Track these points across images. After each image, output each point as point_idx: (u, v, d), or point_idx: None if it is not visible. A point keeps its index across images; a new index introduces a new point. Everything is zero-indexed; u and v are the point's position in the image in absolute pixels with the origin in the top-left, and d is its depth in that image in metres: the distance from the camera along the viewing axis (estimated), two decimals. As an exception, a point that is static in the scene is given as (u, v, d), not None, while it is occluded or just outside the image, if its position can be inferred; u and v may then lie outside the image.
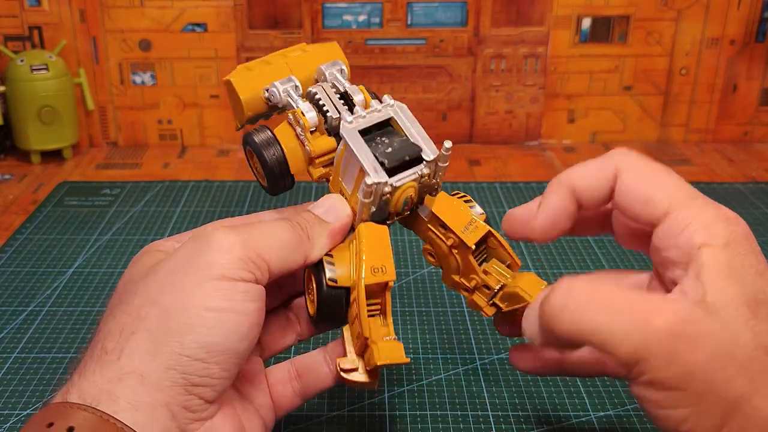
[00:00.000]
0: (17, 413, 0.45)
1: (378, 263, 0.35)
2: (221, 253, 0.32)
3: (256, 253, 0.33)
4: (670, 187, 0.32)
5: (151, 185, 0.78)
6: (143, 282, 0.33)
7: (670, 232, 0.31)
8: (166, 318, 0.31)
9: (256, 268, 0.33)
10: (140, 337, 0.31)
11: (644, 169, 0.33)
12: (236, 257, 0.32)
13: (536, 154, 0.89)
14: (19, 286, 0.59)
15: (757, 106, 0.91)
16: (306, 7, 0.85)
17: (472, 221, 0.37)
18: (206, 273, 0.32)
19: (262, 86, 0.39)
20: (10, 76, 0.81)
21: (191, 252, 0.33)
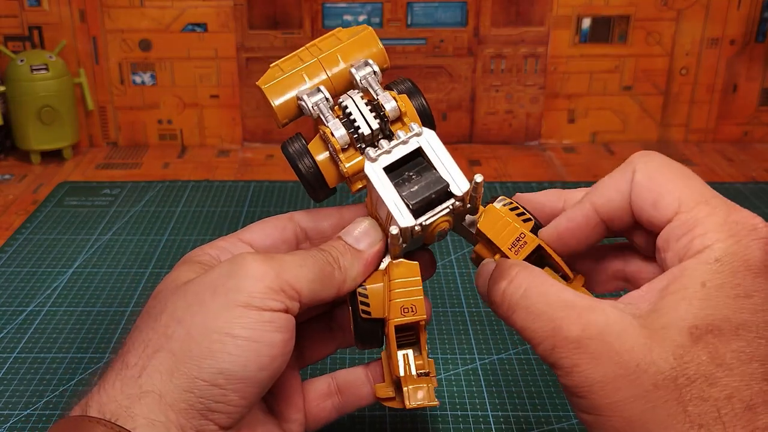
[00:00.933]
0: (17, 413, 0.45)
1: (408, 303, 0.35)
2: (251, 280, 0.32)
3: (287, 284, 0.33)
4: (680, 188, 0.31)
5: (151, 185, 0.78)
6: (173, 298, 0.33)
7: (673, 235, 0.30)
8: (189, 339, 0.31)
9: (287, 298, 0.32)
10: (163, 356, 0.31)
11: (658, 169, 0.32)
12: (266, 286, 0.32)
13: (536, 154, 0.89)
14: (19, 286, 0.59)
15: (757, 106, 0.91)
16: (306, 7, 0.85)
17: (521, 236, 0.35)
18: (233, 298, 0.31)
19: (295, 91, 0.38)
20: (10, 76, 0.81)
21: (223, 275, 0.33)
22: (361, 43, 0.38)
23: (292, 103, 0.38)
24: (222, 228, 0.69)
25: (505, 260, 0.34)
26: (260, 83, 0.38)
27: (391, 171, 0.35)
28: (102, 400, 0.30)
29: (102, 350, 0.51)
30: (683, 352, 0.27)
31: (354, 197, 0.70)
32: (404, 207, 0.34)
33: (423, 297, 0.35)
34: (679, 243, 0.30)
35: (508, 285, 0.32)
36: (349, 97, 0.36)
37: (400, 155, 0.35)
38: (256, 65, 0.87)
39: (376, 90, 0.37)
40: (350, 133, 0.36)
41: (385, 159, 0.35)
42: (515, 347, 0.52)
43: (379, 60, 0.38)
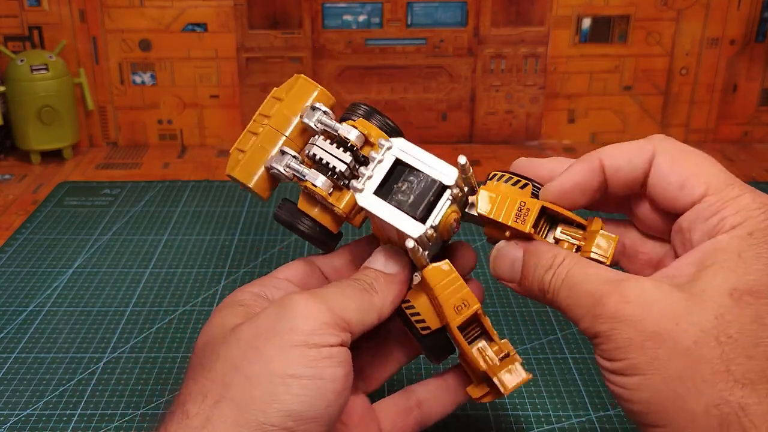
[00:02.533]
0: (17, 413, 0.45)
1: (458, 300, 0.35)
2: (305, 318, 0.32)
3: (339, 317, 0.33)
4: (707, 172, 0.32)
5: (151, 185, 0.78)
6: (225, 346, 0.32)
7: (701, 215, 0.31)
8: (251, 386, 0.30)
9: (341, 330, 0.32)
10: (225, 406, 0.30)
11: (681, 153, 0.33)
12: (321, 322, 0.32)
13: (536, 154, 0.89)
14: (19, 286, 0.59)
15: (757, 106, 0.91)
16: (306, 7, 0.85)
17: (522, 205, 0.35)
18: (289, 339, 0.31)
19: (263, 164, 0.39)
20: (10, 76, 0.81)
21: (274, 318, 0.32)
22: (300, 93, 0.40)
23: (264, 175, 0.39)
24: (222, 228, 0.69)
25: (540, 246, 0.34)
26: (228, 171, 0.39)
27: (382, 191, 0.35)
28: None
29: (102, 350, 0.51)
30: (724, 311, 0.28)
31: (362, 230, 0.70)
32: (409, 219, 0.34)
33: (467, 287, 0.35)
34: (709, 222, 0.31)
35: (550, 274, 0.33)
36: (313, 145, 0.37)
37: (383, 174, 0.35)
38: (256, 65, 0.87)
39: (333, 127, 0.37)
40: (329, 176, 0.37)
41: (371, 184, 0.35)
42: (515, 347, 0.52)
43: (324, 100, 0.39)
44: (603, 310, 0.30)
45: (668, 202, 0.33)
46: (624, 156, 0.34)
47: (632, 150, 0.33)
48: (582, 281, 0.32)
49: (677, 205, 0.32)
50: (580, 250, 0.35)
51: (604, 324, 0.30)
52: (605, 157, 0.34)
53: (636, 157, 0.33)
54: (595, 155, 0.34)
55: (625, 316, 0.29)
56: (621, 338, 0.29)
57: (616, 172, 0.34)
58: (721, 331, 0.28)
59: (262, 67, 0.87)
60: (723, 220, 0.30)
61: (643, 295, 0.30)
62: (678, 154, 0.33)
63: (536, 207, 0.35)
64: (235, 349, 0.32)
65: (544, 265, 0.33)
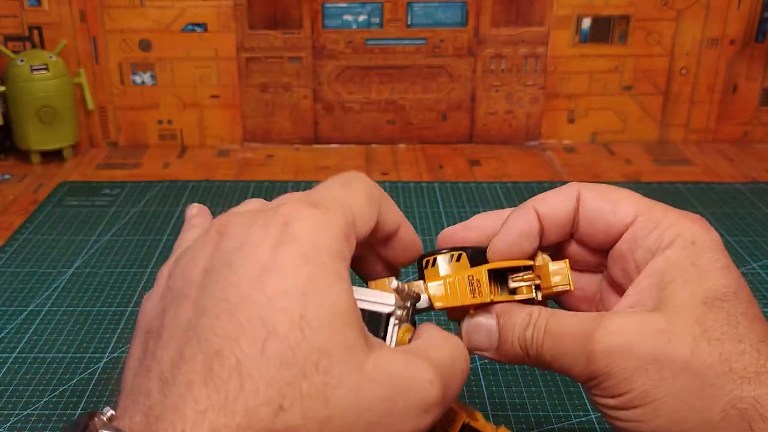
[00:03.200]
0: (17, 413, 0.45)
1: (442, 419, 0.35)
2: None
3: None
4: (631, 198, 0.34)
5: (151, 185, 0.78)
6: None
7: (639, 236, 0.33)
8: None
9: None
10: None
11: (604, 188, 0.35)
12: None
13: (536, 154, 0.89)
14: (19, 286, 0.59)
15: (757, 106, 0.91)
16: (306, 7, 0.85)
17: (470, 279, 0.35)
18: None
19: None
20: (10, 76, 0.81)
21: None
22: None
23: None
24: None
25: (512, 308, 0.34)
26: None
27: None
28: None
29: (102, 350, 0.51)
30: (704, 318, 0.30)
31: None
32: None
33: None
34: (649, 240, 0.32)
35: (531, 330, 0.33)
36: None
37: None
38: (256, 65, 0.87)
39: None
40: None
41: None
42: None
43: None
44: (595, 346, 0.30)
45: (601, 231, 0.34)
46: (554, 198, 0.35)
47: (560, 193, 0.35)
48: (563, 327, 0.32)
49: (611, 231, 0.34)
50: (539, 288, 0.35)
51: (600, 360, 0.30)
52: (537, 204, 0.35)
53: (565, 198, 0.35)
54: (528, 204, 0.35)
55: (620, 347, 0.30)
56: (621, 370, 0.30)
57: (550, 212, 0.35)
58: (710, 336, 0.29)
59: (262, 67, 0.87)
60: (662, 236, 0.32)
61: (628, 324, 0.31)
62: (601, 189, 0.35)
63: (483, 273, 0.34)
64: None
65: (521, 324, 0.33)
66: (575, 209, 0.35)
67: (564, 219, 0.35)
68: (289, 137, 0.91)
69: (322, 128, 0.90)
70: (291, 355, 0.25)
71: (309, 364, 0.25)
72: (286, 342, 0.25)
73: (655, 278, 0.32)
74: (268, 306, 0.26)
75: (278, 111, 0.90)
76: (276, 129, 0.90)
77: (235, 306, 0.26)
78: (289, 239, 0.27)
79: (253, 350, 0.25)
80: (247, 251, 0.27)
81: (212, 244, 0.29)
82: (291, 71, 0.88)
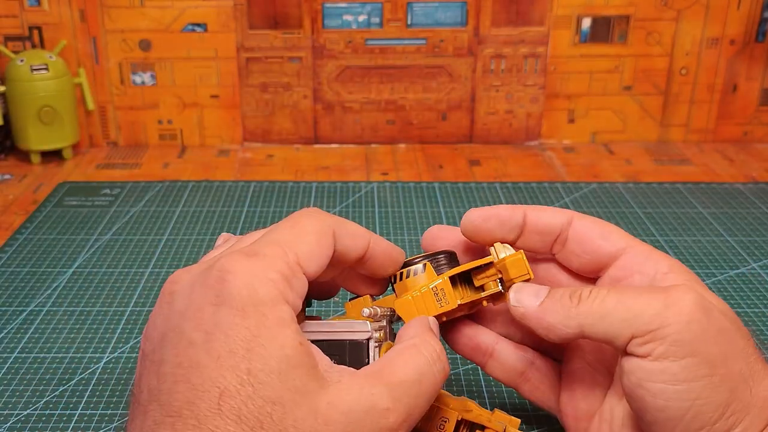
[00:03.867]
0: (17, 413, 0.45)
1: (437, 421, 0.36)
2: None
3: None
4: (622, 232, 0.37)
5: (151, 185, 0.78)
6: None
7: (634, 262, 0.35)
8: None
9: None
10: None
11: (595, 219, 0.37)
12: None
13: (536, 154, 0.89)
14: (19, 286, 0.59)
15: (757, 106, 0.91)
16: (306, 7, 0.85)
17: (435, 290, 0.36)
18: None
19: None
20: (10, 76, 0.81)
21: None
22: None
23: None
24: (222, 228, 0.69)
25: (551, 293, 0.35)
26: None
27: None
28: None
29: (102, 350, 0.51)
30: (716, 302, 0.33)
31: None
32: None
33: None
34: (646, 267, 0.35)
35: (587, 291, 0.33)
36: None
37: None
38: (256, 65, 0.87)
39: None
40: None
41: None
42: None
43: None
44: (680, 295, 0.31)
45: (589, 252, 0.36)
46: (548, 211, 0.37)
47: (555, 210, 0.37)
48: (628, 290, 0.33)
49: (599, 253, 0.36)
50: (503, 281, 0.36)
51: (685, 308, 0.31)
52: (529, 209, 0.37)
53: (559, 215, 0.37)
54: (520, 206, 0.38)
55: (701, 305, 0.31)
56: (700, 328, 0.31)
57: (538, 219, 0.37)
58: (727, 317, 0.32)
59: (262, 67, 0.87)
60: (657, 265, 0.35)
61: (700, 293, 0.33)
62: (593, 218, 0.37)
63: (446, 280, 0.36)
64: None
65: (575, 289, 0.34)
66: (564, 227, 0.37)
67: (549, 229, 0.37)
68: (289, 137, 0.91)
69: (322, 128, 0.90)
70: (246, 409, 0.27)
71: (264, 416, 0.27)
72: (238, 398, 0.27)
73: (666, 285, 0.34)
74: (217, 367, 0.28)
75: (278, 111, 0.90)
76: (276, 129, 0.90)
77: (188, 371, 0.28)
78: (225, 297, 0.29)
79: (211, 410, 0.27)
80: (191, 315, 0.29)
81: (167, 307, 0.31)
82: (291, 71, 0.88)
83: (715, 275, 0.60)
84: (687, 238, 0.66)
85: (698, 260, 0.63)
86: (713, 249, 0.65)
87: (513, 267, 0.35)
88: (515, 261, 0.35)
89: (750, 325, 0.53)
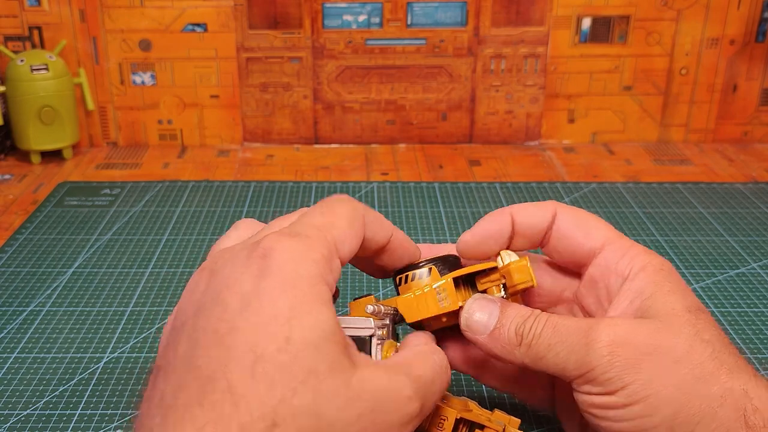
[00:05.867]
0: (17, 413, 0.45)
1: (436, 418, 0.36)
2: None
3: None
4: (602, 227, 0.37)
5: (151, 185, 0.78)
6: None
7: (610, 260, 0.36)
8: None
9: None
10: None
11: (579, 212, 0.38)
12: None
13: (536, 154, 0.89)
14: (19, 286, 0.59)
15: (757, 106, 0.91)
16: (306, 7, 0.85)
17: (438, 290, 0.36)
18: None
19: None
20: (10, 76, 0.81)
21: None
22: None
23: None
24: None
25: (513, 304, 0.35)
26: None
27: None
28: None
29: (102, 350, 0.51)
30: (694, 321, 0.33)
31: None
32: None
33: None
34: (620, 265, 0.35)
35: (532, 320, 0.34)
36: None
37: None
38: (256, 65, 0.87)
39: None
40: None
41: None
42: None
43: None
44: (598, 335, 0.32)
45: (570, 249, 0.37)
46: (532, 209, 0.38)
47: (538, 206, 0.38)
48: (565, 320, 0.34)
49: (580, 250, 0.37)
50: (506, 287, 0.36)
51: (601, 349, 0.32)
52: (515, 211, 0.38)
53: (542, 212, 0.38)
54: (505, 209, 0.38)
55: (622, 337, 0.32)
56: (622, 360, 0.31)
57: (525, 221, 0.37)
58: (701, 337, 0.32)
59: (262, 67, 0.87)
60: (632, 262, 0.35)
61: (627, 322, 0.33)
62: (576, 212, 0.38)
63: (449, 281, 0.36)
64: None
65: (523, 315, 0.35)
66: (549, 224, 0.37)
67: (537, 229, 0.38)
68: (289, 137, 0.91)
69: (322, 128, 0.90)
70: (280, 376, 0.27)
71: (298, 383, 0.27)
72: (274, 364, 0.27)
73: (635, 296, 0.34)
74: (254, 333, 0.28)
75: (278, 111, 0.90)
76: (276, 129, 0.90)
77: (224, 336, 0.28)
78: (268, 271, 0.29)
79: (243, 374, 0.27)
80: (232, 287, 0.29)
81: (204, 283, 0.31)
82: (291, 71, 0.88)
83: (715, 275, 0.60)
84: (687, 238, 0.66)
85: (698, 260, 0.63)
86: (713, 249, 0.65)
87: (517, 273, 0.36)
88: (519, 267, 0.36)
89: (750, 325, 0.53)
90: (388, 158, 0.87)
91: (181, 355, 0.29)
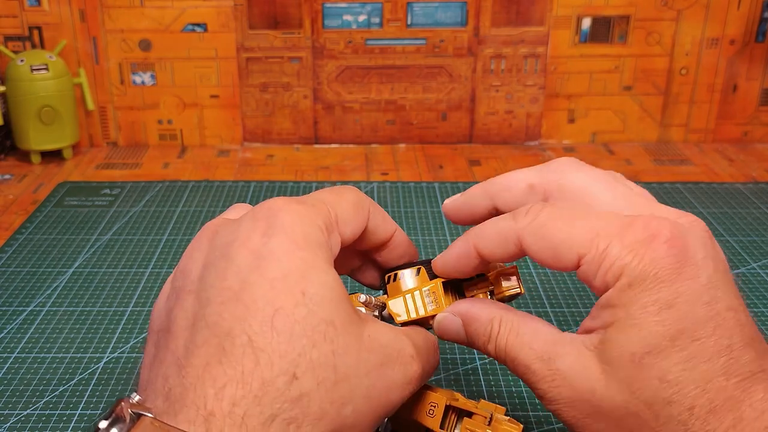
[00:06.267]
0: (17, 413, 0.45)
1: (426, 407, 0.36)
2: None
3: None
4: (573, 236, 0.30)
5: (151, 185, 0.78)
6: None
7: (589, 273, 0.30)
8: None
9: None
10: None
11: (546, 225, 0.31)
12: None
13: (536, 154, 0.89)
14: (19, 286, 0.59)
15: (757, 106, 0.91)
16: (306, 7, 0.85)
17: (428, 292, 0.36)
18: None
19: None
20: (10, 76, 0.81)
21: None
22: None
23: None
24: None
25: (477, 316, 0.35)
26: None
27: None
28: None
29: (102, 350, 0.51)
30: (632, 381, 0.28)
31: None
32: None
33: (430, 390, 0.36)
34: (597, 278, 0.30)
35: (491, 346, 0.34)
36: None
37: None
38: (256, 65, 0.87)
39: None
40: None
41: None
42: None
43: None
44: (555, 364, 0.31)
45: (552, 267, 0.32)
46: (493, 244, 0.33)
47: (499, 235, 0.32)
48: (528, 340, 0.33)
49: (560, 267, 0.31)
50: (493, 294, 0.36)
51: (551, 390, 0.31)
52: (478, 242, 0.33)
53: (504, 246, 0.32)
54: (470, 240, 0.34)
55: (570, 379, 0.30)
56: (564, 399, 0.30)
57: (491, 254, 0.33)
58: (636, 402, 0.28)
59: (262, 67, 0.87)
60: (606, 275, 0.29)
61: (576, 363, 0.30)
62: (541, 227, 0.31)
63: (438, 285, 0.36)
64: None
65: (484, 334, 0.34)
66: (517, 253, 0.33)
67: (506, 258, 0.33)
68: (289, 137, 0.91)
69: (322, 128, 0.90)
70: (300, 328, 0.27)
71: (317, 334, 0.27)
72: (293, 317, 0.27)
73: (599, 324, 0.30)
74: (271, 288, 0.28)
75: (278, 111, 0.90)
76: (276, 129, 0.90)
77: (239, 291, 0.28)
78: (277, 230, 0.29)
79: (263, 327, 0.27)
80: (241, 243, 0.29)
81: (207, 243, 0.31)
82: (291, 71, 0.88)
83: (715, 275, 0.60)
84: (687, 238, 0.66)
85: (698, 260, 0.63)
86: (713, 249, 0.65)
87: (506, 281, 0.36)
88: (507, 274, 0.36)
89: (750, 325, 0.53)
90: (388, 158, 0.87)
91: (190, 313, 0.29)
